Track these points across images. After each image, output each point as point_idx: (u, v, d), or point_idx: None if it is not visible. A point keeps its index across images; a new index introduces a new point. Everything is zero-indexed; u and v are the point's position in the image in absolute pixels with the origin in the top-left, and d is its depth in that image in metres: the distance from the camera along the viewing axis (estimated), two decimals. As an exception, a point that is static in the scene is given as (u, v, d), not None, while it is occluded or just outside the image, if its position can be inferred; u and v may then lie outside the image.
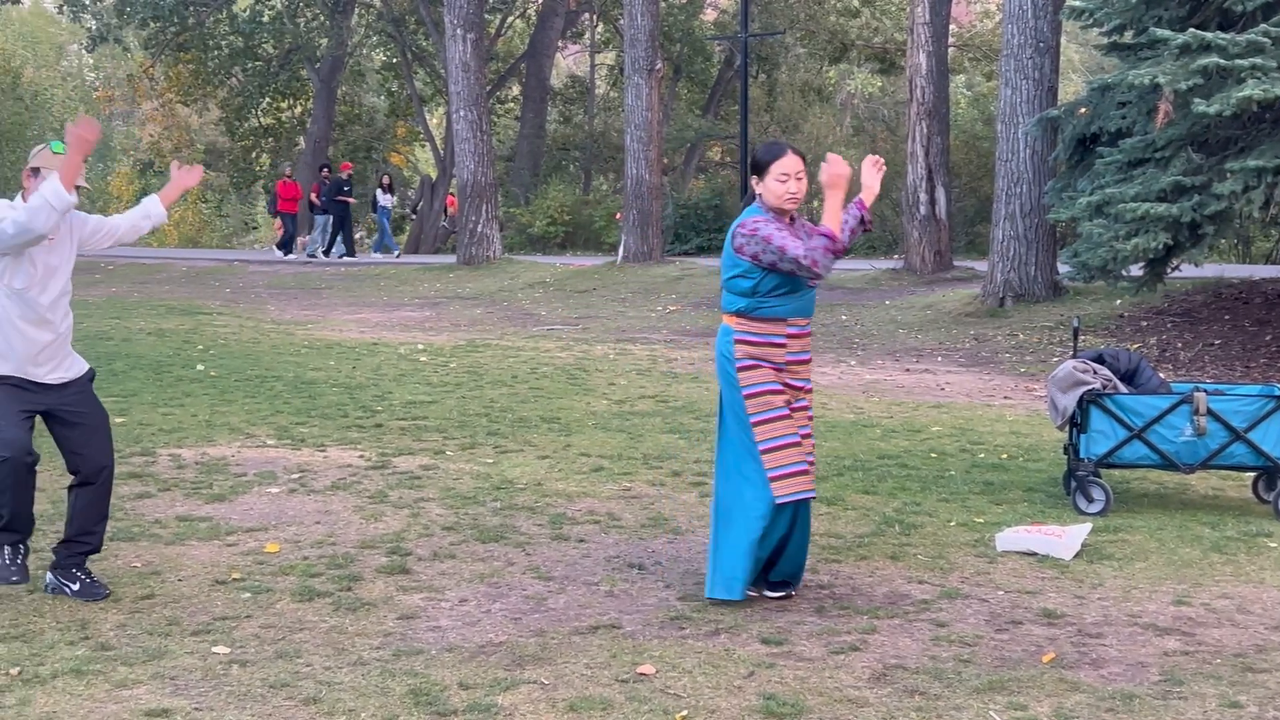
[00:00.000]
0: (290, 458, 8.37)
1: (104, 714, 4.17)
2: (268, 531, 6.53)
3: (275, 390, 11.19)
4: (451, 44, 25.79)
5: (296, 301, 21.17)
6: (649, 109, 23.73)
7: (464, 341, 15.23)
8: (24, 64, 53.98)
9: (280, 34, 37.57)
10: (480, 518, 6.80)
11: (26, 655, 4.69)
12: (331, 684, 4.44)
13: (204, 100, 42.27)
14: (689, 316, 17.86)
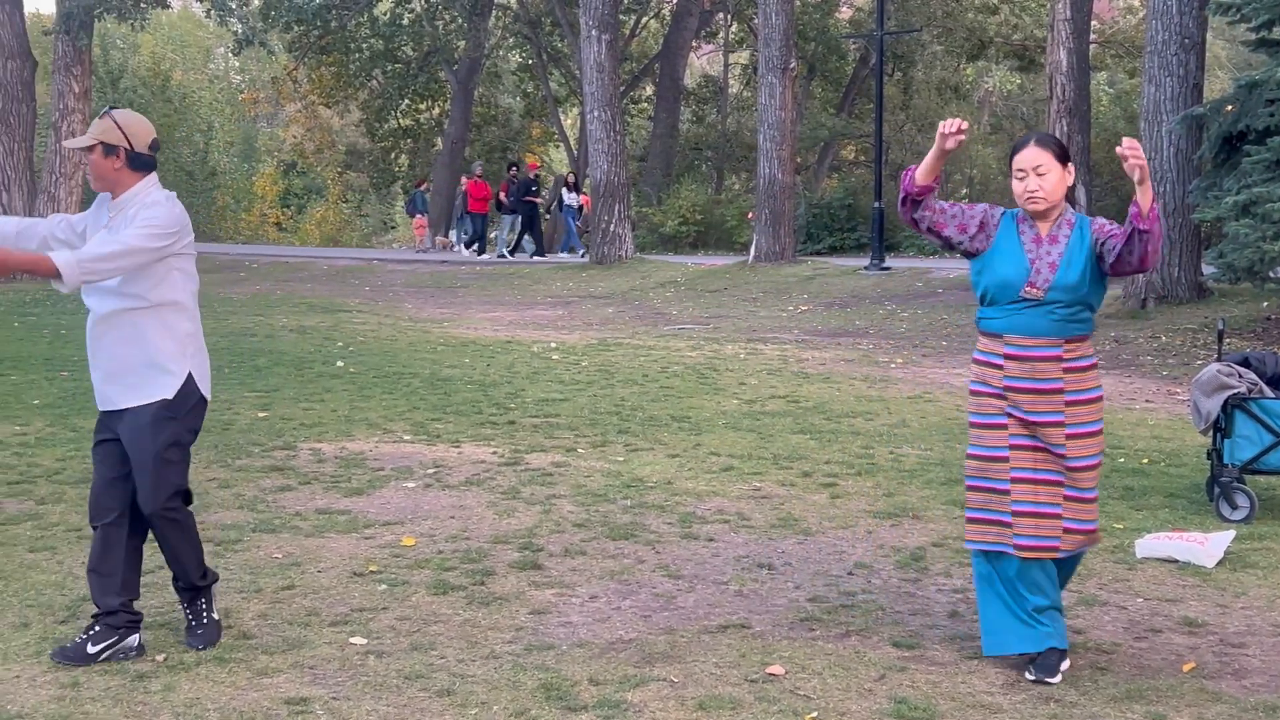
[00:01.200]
0: (426, 453, 8.50)
1: (245, 701, 4.29)
2: (404, 525, 6.65)
3: (412, 387, 11.38)
4: (586, 45, 25.96)
5: (433, 300, 21.49)
6: (782, 108, 23.64)
7: (596, 340, 15.33)
8: (173, 67, 55.55)
9: (419, 36, 38.16)
10: (611, 515, 6.84)
11: (172, 643, 4.83)
12: (464, 676, 4.51)
13: (345, 102, 43.10)
14: (820, 316, 17.76)
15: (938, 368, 12.95)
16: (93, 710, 4.18)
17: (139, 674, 4.49)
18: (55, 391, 10.90)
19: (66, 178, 26.26)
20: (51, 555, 5.99)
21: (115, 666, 4.55)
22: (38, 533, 6.38)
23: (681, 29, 38.00)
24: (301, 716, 4.17)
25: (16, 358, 13.16)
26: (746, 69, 41.53)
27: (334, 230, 52.40)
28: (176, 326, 4.73)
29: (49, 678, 4.45)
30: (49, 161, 26.52)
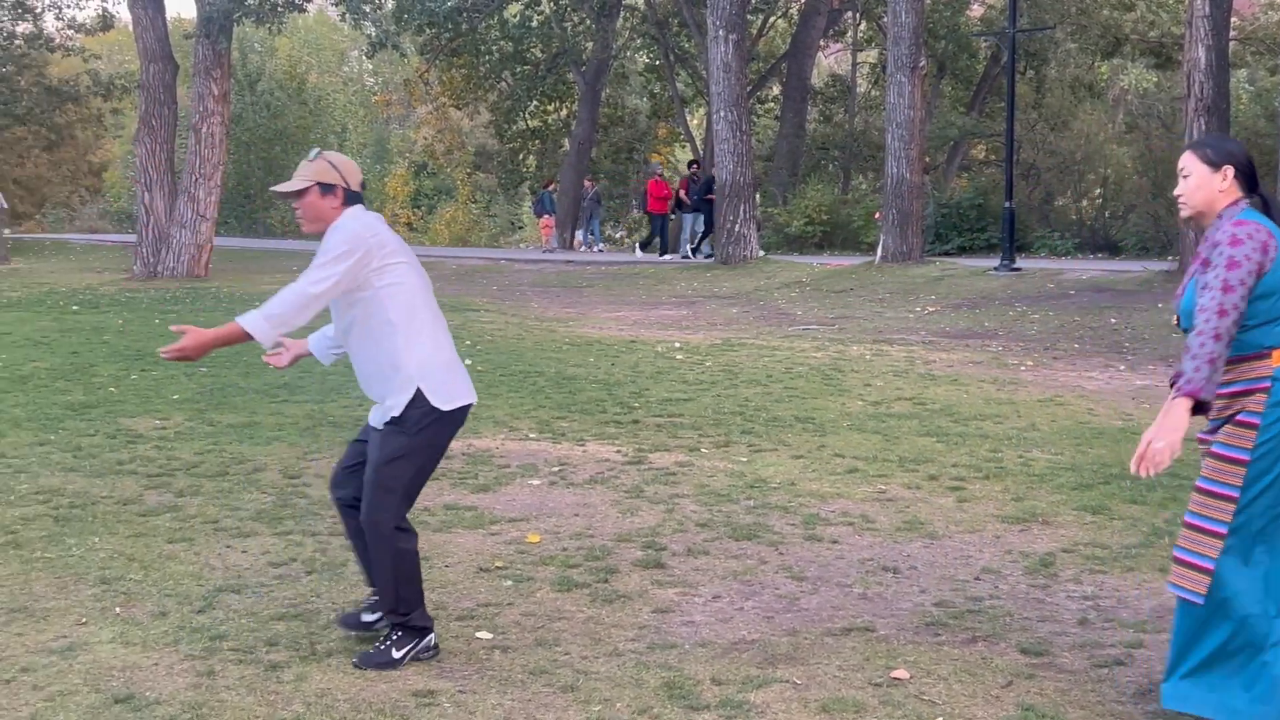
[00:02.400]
0: (551, 451, 8.58)
1: (375, 693, 4.37)
2: (529, 522, 6.72)
3: (538, 385, 11.48)
4: (713, 45, 25.96)
5: (559, 299, 21.65)
6: (911, 107, 23.40)
7: (720, 340, 15.32)
8: (309, 70, 56.71)
9: (548, 38, 38.48)
10: (734, 515, 6.84)
11: (304, 634, 4.94)
12: (588, 673, 4.55)
13: (475, 104, 43.61)
14: (948, 318, 17.55)
15: (1069, 371, 12.71)
16: (227, 698, 4.29)
17: (272, 664, 4.60)
18: (194, 387, 11.20)
19: (206, 178, 26.91)
20: (189, 546, 6.15)
21: (249, 656, 4.67)
22: (176, 524, 6.57)
23: (809, 28, 37.79)
24: (429, 709, 4.23)
25: (157, 353, 13.54)
26: (875, 68, 41.19)
27: (463, 230, 53.06)
28: (392, 346, 4.70)
29: (186, 666, 4.58)
30: (189, 163, 27.20)
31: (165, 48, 27.51)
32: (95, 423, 9.44)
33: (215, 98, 26.84)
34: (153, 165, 27.56)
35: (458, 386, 4.72)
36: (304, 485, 7.49)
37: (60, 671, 4.50)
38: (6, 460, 8.08)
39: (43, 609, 5.19)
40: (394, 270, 4.73)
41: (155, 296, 21.87)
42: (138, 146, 28.18)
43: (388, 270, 4.70)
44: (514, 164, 44.32)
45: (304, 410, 10.02)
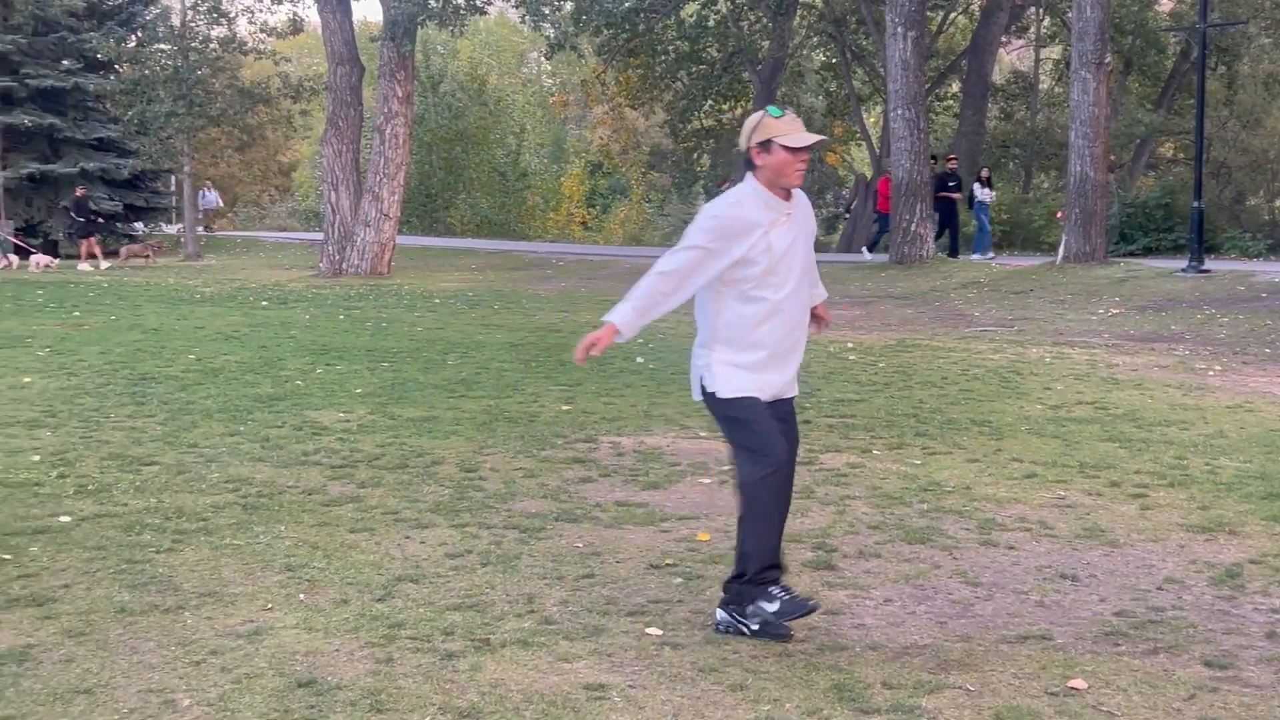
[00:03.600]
0: (721, 449, 8.58)
1: (546, 685, 4.43)
2: (699, 520, 6.74)
3: (710, 384, 11.48)
4: (892, 42, 25.67)
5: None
6: (1096, 104, 22.82)
7: (894, 341, 15.15)
8: (489, 71, 57.66)
9: (724, 38, 38.51)
10: (906, 518, 6.76)
11: (479, 624, 5.04)
12: (757, 672, 4.55)
13: (650, 103, 43.87)
14: (1133, 320, 17.06)
15: (1259, 376, 12.26)
16: (405, 685, 4.39)
17: (448, 653, 4.70)
18: (376, 381, 11.49)
19: (389, 178, 27.58)
20: (370, 536, 6.32)
21: (427, 645, 4.78)
22: (358, 514, 6.75)
23: (991, 24, 37.12)
24: (599, 702, 4.28)
25: (342, 348, 13.93)
26: (1058, 64, 40.26)
27: (636, 229, 53.42)
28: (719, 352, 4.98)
29: (365, 653, 4.70)
30: (373, 163, 27.91)
31: (352, 51, 28.25)
32: (282, 415, 9.75)
33: (399, 99, 27.49)
34: (339, 165, 28.34)
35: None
36: (480, 479, 7.63)
37: (247, 655, 4.67)
38: (199, 450, 8.40)
39: (231, 594, 5.38)
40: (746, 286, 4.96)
41: (340, 293, 22.50)
42: (325, 147, 29.01)
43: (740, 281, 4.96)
44: (688, 163, 44.48)
45: (480, 405, 10.20)
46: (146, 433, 8.95)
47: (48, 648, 4.72)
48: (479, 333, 15.82)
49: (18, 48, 37.05)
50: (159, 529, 6.39)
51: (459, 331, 15.93)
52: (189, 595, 5.35)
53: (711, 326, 5.01)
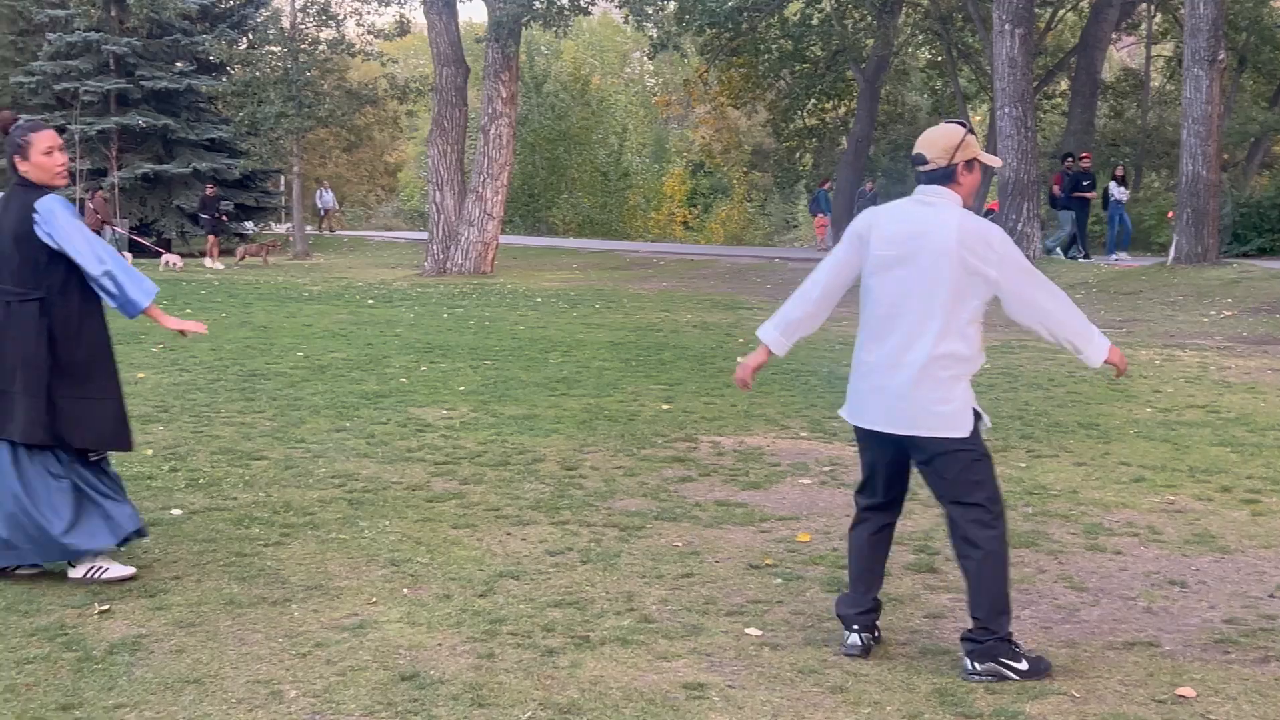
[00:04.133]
0: (822, 450, 8.55)
1: (645, 683, 4.45)
2: (799, 521, 6.71)
3: (809, 384, 11.45)
4: (999, 39, 25.35)
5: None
6: (1209, 102, 22.33)
7: (999, 342, 14.96)
8: (592, 71, 57.92)
9: (828, 36, 38.28)
10: (1011, 522, 6.67)
11: (579, 621, 5.06)
12: (858, 675, 4.52)
13: (753, 103, 43.75)
14: (1246, 323, 16.68)
15: (1379, 381, 11.93)
16: (506, 680, 4.43)
17: (549, 649, 4.73)
18: (479, 379, 11.60)
19: (493, 178, 27.80)
20: (472, 532, 6.38)
21: (527, 641, 4.81)
22: (460, 511, 6.82)
23: (1100, 21, 36.48)
24: (698, 702, 4.28)
25: (445, 346, 14.07)
26: (1170, 61, 39.48)
27: (737, 229, 53.30)
28: (975, 349, 4.78)
29: (467, 648, 4.75)
30: (477, 163, 28.15)
31: (458, 52, 28.53)
32: (387, 411, 9.88)
33: (503, 100, 27.70)
34: (444, 165, 28.62)
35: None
36: (580, 477, 7.66)
37: (351, 648, 4.74)
38: (306, 445, 8.54)
39: (337, 587, 5.46)
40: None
41: (444, 291, 22.73)
42: (430, 147, 29.34)
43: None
44: (790, 162, 44.27)
45: (581, 404, 10.25)
46: (256, 428, 9.12)
47: (159, 638, 4.82)
48: (580, 331, 15.90)
49: (133, 50, 37.92)
50: (267, 523, 6.51)
51: (560, 330, 16.02)
52: (296, 588, 5.44)
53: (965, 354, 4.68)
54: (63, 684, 4.35)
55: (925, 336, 4.56)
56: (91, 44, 37.62)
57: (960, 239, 4.49)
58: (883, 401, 4.63)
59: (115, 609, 5.14)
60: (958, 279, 4.49)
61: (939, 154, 4.63)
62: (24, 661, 4.54)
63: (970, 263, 4.49)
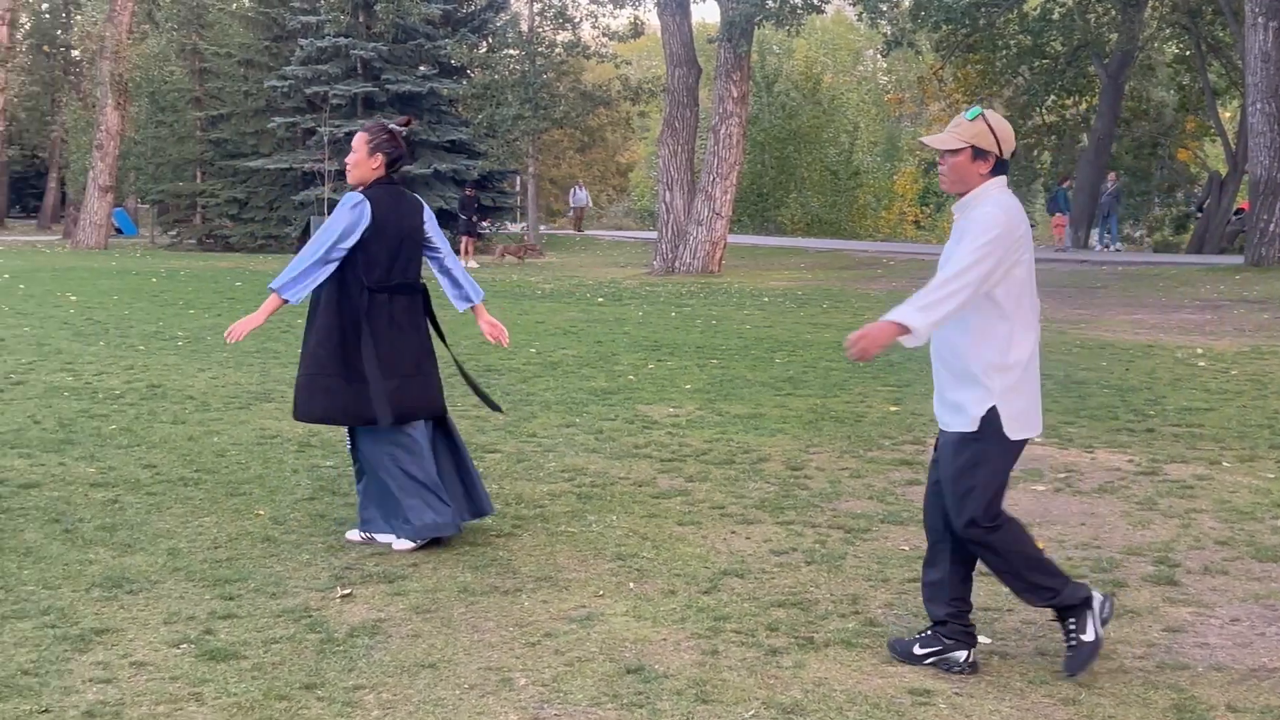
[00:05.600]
0: (1057, 456, 8.33)
1: (870, 686, 4.41)
2: (1032, 529, 6.54)
3: (1045, 388, 11.12)
4: (1251, 33, 24.24)
5: (1070, 300, 20.91)
6: None
7: (1248, 348, 14.32)
8: (824, 70, 57.57)
9: (1069, 30, 37.21)
10: (1258, 535, 6.39)
11: (803, 622, 5.05)
12: (1092, 687, 4.39)
13: (989, 99, 42.83)
14: None
15: None
16: (729, 678, 4.45)
17: (773, 649, 4.73)
18: (705, 378, 11.66)
19: (722, 178, 27.88)
20: (697, 529, 6.43)
21: (750, 639, 4.83)
22: (685, 508, 6.87)
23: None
24: (925, 708, 4.23)
25: (672, 344, 14.19)
26: None
27: (974, 228, 52.21)
28: (985, 353, 4.49)
29: (691, 644, 4.79)
30: (707, 163, 28.28)
31: (690, 52, 28.71)
32: (615, 408, 10.02)
33: (734, 99, 27.75)
34: (674, 165, 28.84)
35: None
36: (805, 477, 7.64)
37: (579, 639, 4.83)
38: (537, 440, 8.73)
39: (565, 579, 5.57)
40: (1016, 269, 4.46)
41: (672, 290, 22.91)
42: (661, 147, 29.60)
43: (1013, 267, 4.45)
44: (1028, 160, 43.17)
45: (807, 404, 10.21)
46: (489, 422, 9.36)
47: (397, 622, 5.00)
48: (807, 331, 15.83)
49: (379, 55, 39.29)
50: (499, 514, 6.67)
51: (787, 330, 15.99)
52: (526, 579, 5.57)
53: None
54: (306, 664, 4.55)
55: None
56: (340, 49, 39.14)
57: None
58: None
59: (356, 593, 5.35)
60: None
61: (997, 144, 4.55)
62: (270, 641, 4.77)
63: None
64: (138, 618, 4.99)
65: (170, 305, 17.94)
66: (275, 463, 7.82)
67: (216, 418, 9.36)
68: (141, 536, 6.15)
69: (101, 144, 39.72)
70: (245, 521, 6.47)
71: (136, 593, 5.29)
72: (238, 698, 4.22)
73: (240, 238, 41.64)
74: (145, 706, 4.14)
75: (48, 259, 30.34)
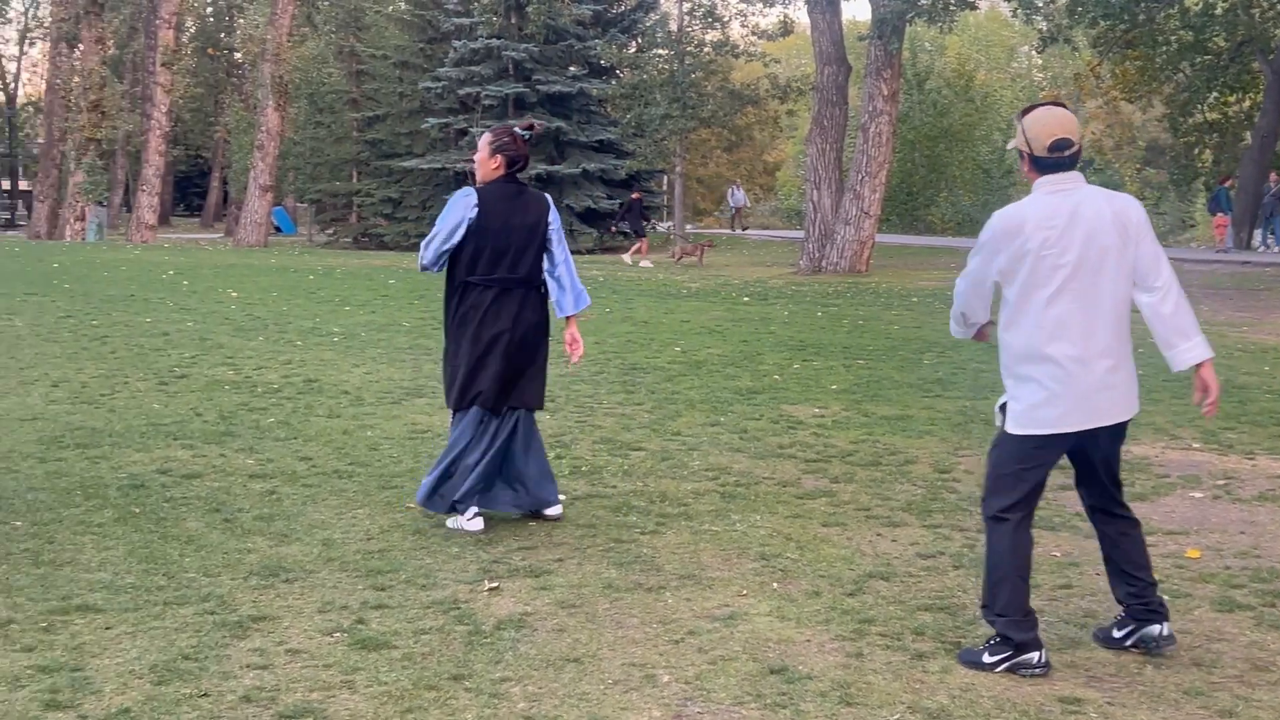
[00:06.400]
0: (1215, 463, 8.09)
1: (1019, 694, 4.34)
2: (1189, 536, 6.39)
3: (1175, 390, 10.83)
4: None
5: (1231, 303, 20.30)
6: None
7: None
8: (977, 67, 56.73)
9: (1233, 26, 36.09)
10: None
11: (950, 627, 4.99)
12: (1248, 700, 4.27)
13: (1148, 96, 41.77)
14: None
15: None
16: (874, 681, 4.42)
17: (919, 653, 4.68)
18: (851, 378, 11.57)
19: (871, 176, 27.61)
20: (842, 531, 6.39)
21: (896, 643, 4.78)
22: (830, 509, 6.83)
23: None
24: (1075, 717, 4.15)
25: (818, 345, 14.11)
26: None
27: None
28: (1002, 352, 4.70)
29: (836, 645, 4.77)
30: (856, 161, 28.05)
31: (840, 50, 28.51)
32: (760, 407, 10.00)
33: (884, 97, 27.48)
34: (822, 164, 28.67)
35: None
36: (954, 480, 7.54)
37: (722, 638, 4.83)
38: (682, 438, 8.76)
39: (709, 578, 5.58)
40: (1040, 266, 4.46)
41: (818, 290, 22.78)
42: (809, 146, 29.44)
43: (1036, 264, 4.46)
44: (1188, 159, 42.00)
45: (956, 406, 10.08)
46: (635, 420, 9.41)
47: (542, 616, 5.06)
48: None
49: (530, 56, 39.75)
50: (644, 511, 6.71)
51: (936, 330, 15.78)
52: (670, 576, 5.59)
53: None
54: (454, 655, 4.63)
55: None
56: (493, 50, 39.69)
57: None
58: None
59: (504, 587, 5.43)
60: None
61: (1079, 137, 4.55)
62: (420, 632, 4.86)
63: None
64: (293, 606, 5.13)
65: (326, 302, 18.38)
66: (425, 457, 7.97)
67: (369, 412, 9.57)
68: (297, 527, 6.32)
69: (262, 144, 40.84)
70: (396, 514, 6.61)
71: (292, 581, 5.44)
72: (388, 686, 4.31)
73: (394, 236, 42.46)
74: (299, 693, 4.26)
75: (210, 256, 31.30)
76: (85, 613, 4.99)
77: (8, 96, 76.82)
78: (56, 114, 48.01)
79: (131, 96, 54.50)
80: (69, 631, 4.79)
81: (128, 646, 4.65)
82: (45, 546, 5.90)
